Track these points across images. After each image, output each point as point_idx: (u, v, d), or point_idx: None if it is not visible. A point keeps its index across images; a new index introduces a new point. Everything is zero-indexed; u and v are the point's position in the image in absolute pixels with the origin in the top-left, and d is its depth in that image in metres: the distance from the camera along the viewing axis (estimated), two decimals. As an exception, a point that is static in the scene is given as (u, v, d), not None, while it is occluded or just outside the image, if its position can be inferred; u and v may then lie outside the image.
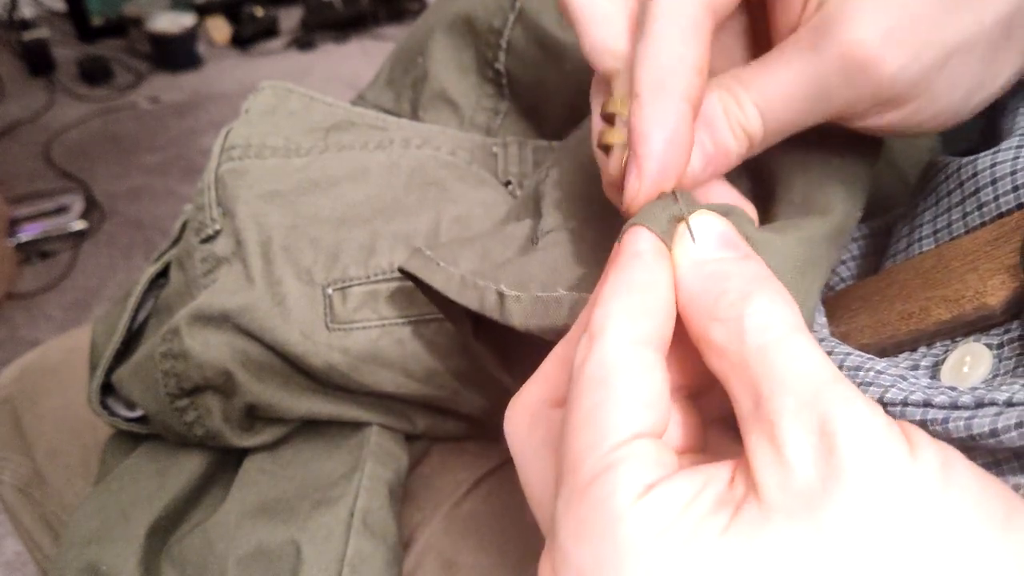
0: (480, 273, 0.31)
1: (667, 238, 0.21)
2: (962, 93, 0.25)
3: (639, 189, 0.23)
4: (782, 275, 0.22)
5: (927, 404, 0.24)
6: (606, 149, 0.25)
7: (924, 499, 0.16)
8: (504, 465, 0.43)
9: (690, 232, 0.21)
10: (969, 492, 0.16)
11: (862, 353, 0.28)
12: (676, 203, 0.23)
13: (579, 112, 0.44)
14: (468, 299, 0.31)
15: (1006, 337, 0.26)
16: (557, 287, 0.29)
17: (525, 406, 0.22)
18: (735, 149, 0.26)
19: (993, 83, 0.26)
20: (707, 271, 0.20)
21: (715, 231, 0.21)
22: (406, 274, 0.33)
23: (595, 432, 0.18)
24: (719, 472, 0.18)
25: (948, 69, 0.24)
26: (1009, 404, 0.23)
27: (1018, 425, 0.22)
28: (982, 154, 0.29)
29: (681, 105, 0.23)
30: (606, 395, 0.18)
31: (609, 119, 0.25)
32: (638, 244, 0.21)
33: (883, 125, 0.26)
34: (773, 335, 0.18)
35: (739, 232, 0.22)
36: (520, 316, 0.29)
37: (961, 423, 0.23)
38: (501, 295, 0.29)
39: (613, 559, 0.16)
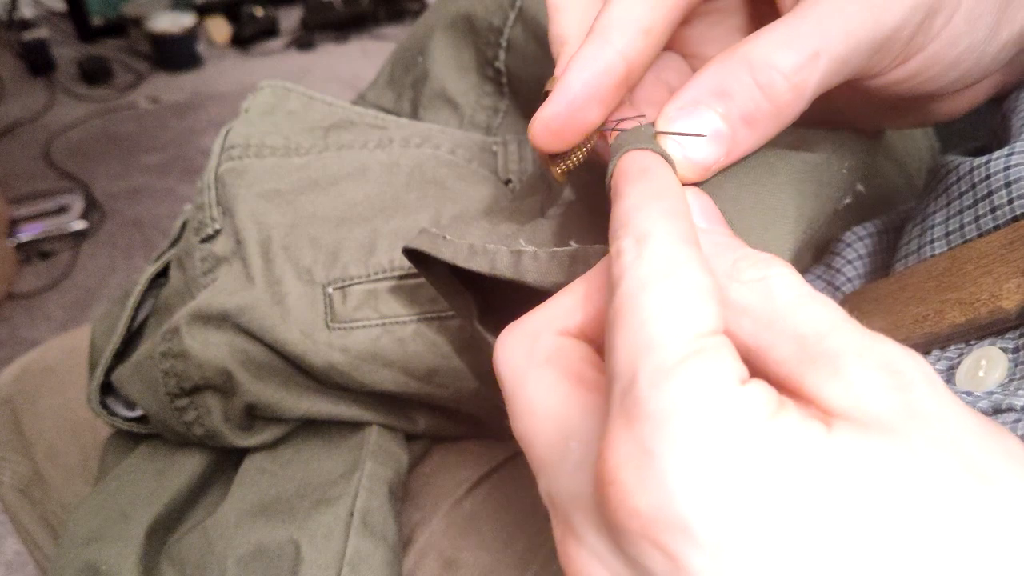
0: (490, 240, 0.30)
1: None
2: (980, 33, 0.24)
3: (539, 127, 0.23)
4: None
5: None
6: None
7: (993, 443, 0.16)
8: (504, 465, 0.43)
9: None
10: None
11: None
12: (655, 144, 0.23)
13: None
14: (479, 264, 0.29)
15: (1021, 341, 0.26)
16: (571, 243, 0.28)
17: (526, 330, 0.21)
18: (785, 100, 0.23)
19: (1012, 23, 0.25)
20: (715, 239, 0.20)
21: (706, 205, 0.21)
22: (410, 257, 0.33)
23: (673, 322, 0.17)
24: (784, 397, 0.17)
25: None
26: None
27: None
28: (995, 155, 0.28)
29: (613, 57, 0.22)
30: (677, 287, 0.17)
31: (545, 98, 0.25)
32: (642, 161, 0.21)
33: (904, 78, 0.25)
34: (806, 291, 0.18)
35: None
36: (535, 273, 0.28)
37: None
38: (517, 252, 0.28)
39: (725, 434, 0.15)
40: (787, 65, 0.22)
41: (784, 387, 0.17)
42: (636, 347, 0.17)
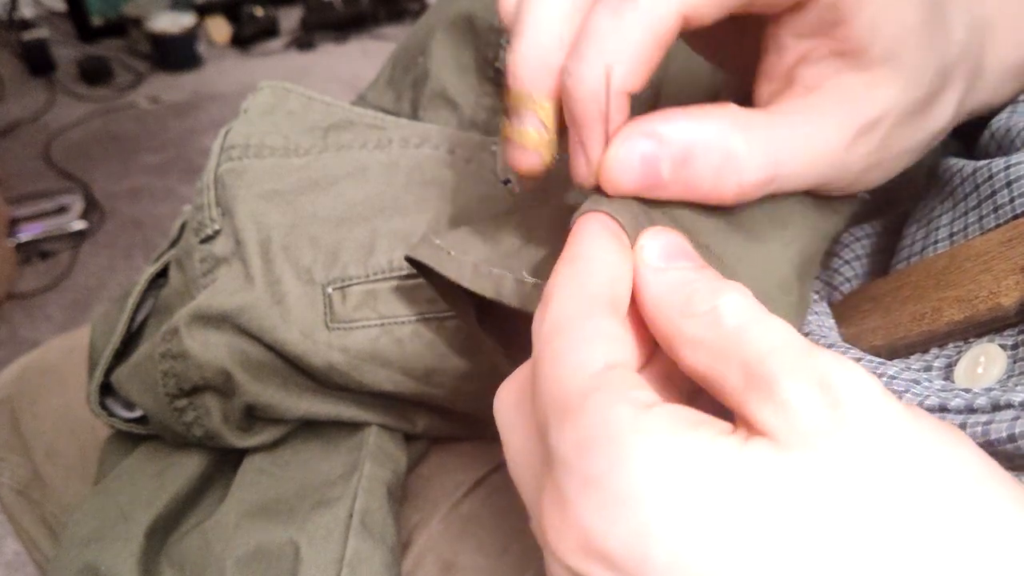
0: (493, 261, 0.30)
1: (622, 221, 0.22)
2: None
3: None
4: (765, 293, 0.22)
5: (943, 409, 0.24)
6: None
7: (924, 452, 0.16)
8: (503, 467, 0.43)
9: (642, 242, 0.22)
10: (968, 453, 0.16)
11: (873, 357, 0.28)
12: (636, 207, 0.23)
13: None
14: (483, 287, 0.30)
15: (1020, 338, 0.26)
16: None
17: (514, 383, 0.22)
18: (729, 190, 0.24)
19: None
20: (669, 278, 0.21)
21: (671, 242, 0.22)
22: (413, 263, 0.33)
23: (569, 368, 0.18)
24: (717, 421, 0.18)
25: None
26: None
27: None
28: (997, 158, 0.28)
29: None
30: (568, 337, 0.19)
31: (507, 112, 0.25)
32: (587, 224, 0.22)
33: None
34: (751, 315, 0.18)
35: (698, 243, 0.23)
36: (529, 304, 0.28)
37: (979, 428, 0.23)
38: (520, 282, 0.29)
39: (626, 461, 0.16)
40: (743, 179, 0.23)
41: (738, 415, 0.18)
42: (542, 398, 0.18)
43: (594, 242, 0.21)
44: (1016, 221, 0.27)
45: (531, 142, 0.25)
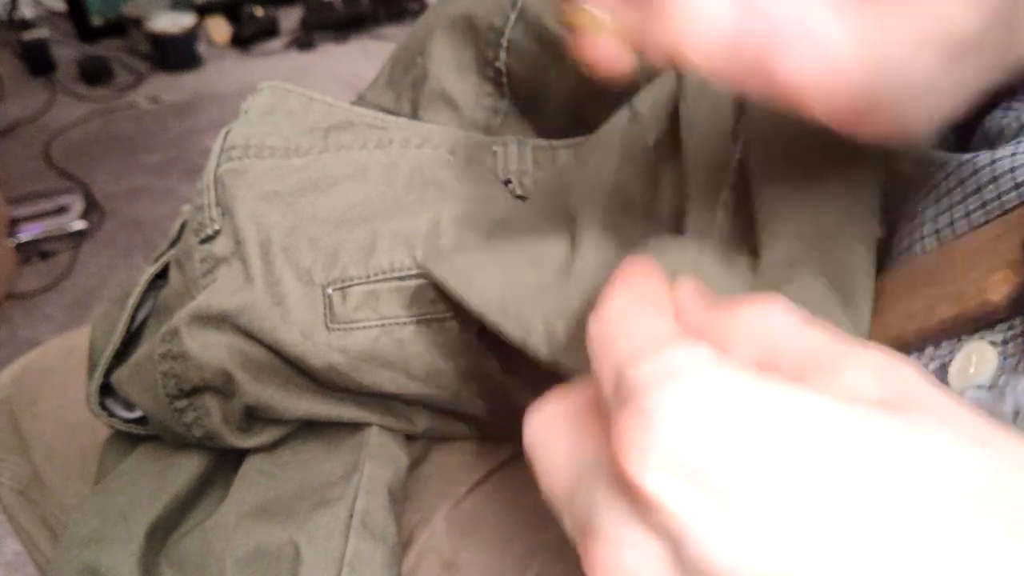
0: (516, 298, 0.30)
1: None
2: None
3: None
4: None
5: None
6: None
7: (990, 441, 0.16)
8: (504, 466, 0.43)
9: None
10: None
11: None
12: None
13: (579, 111, 0.44)
14: (512, 330, 0.30)
15: (1010, 333, 0.26)
16: None
17: (551, 408, 0.22)
18: None
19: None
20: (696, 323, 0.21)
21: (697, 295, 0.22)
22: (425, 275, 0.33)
23: (640, 330, 0.19)
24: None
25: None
26: (1016, 413, 0.22)
27: None
28: (982, 153, 0.28)
29: None
30: (633, 317, 0.19)
31: None
32: (636, 266, 0.22)
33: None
34: (800, 320, 0.19)
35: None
36: (558, 355, 0.29)
37: None
38: (551, 333, 0.29)
39: (712, 386, 0.16)
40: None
41: None
42: (616, 353, 0.19)
43: (640, 277, 0.22)
44: (1005, 217, 0.27)
45: (602, 25, 0.23)
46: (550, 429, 0.21)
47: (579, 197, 0.34)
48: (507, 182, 0.43)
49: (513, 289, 0.31)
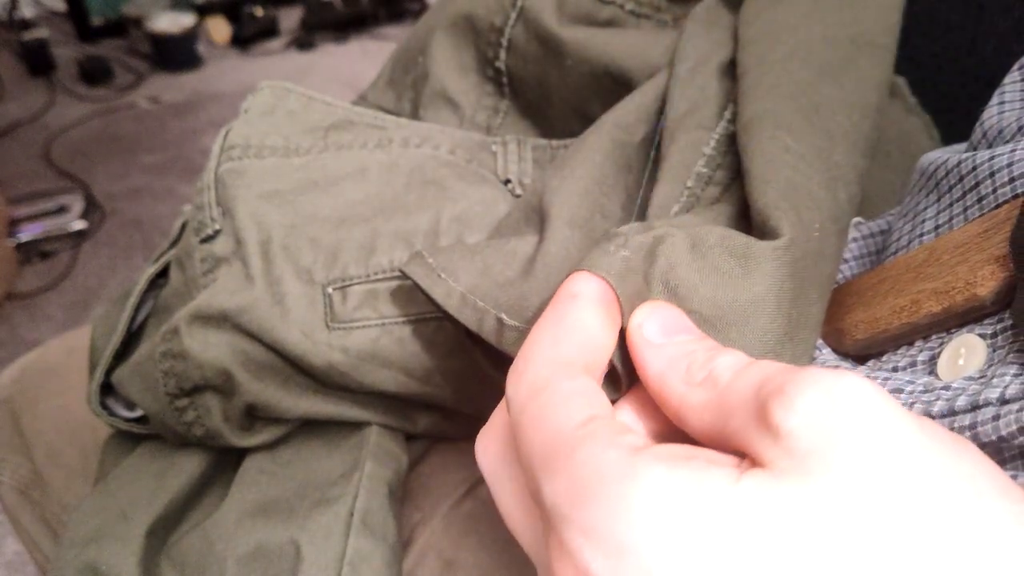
0: (480, 292, 0.31)
1: (618, 290, 0.22)
2: None
3: None
4: (762, 347, 0.23)
5: (927, 416, 0.24)
6: None
7: (923, 466, 0.16)
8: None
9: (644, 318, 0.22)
10: (970, 465, 0.16)
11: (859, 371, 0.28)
12: (631, 270, 0.23)
13: (580, 110, 0.44)
14: (467, 318, 0.31)
15: (999, 326, 0.26)
16: None
17: (493, 432, 0.23)
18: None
19: None
20: (669, 352, 0.21)
21: (669, 316, 0.22)
22: (407, 276, 0.33)
23: (553, 424, 0.19)
24: (709, 452, 0.18)
25: None
26: (1003, 401, 0.23)
27: (1021, 431, 0.22)
28: (981, 151, 0.29)
29: None
30: (548, 398, 0.19)
31: None
32: (578, 285, 0.22)
33: None
34: (742, 365, 0.19)
35: (689, 310, 0.23)
36: (515, 345, 0.29)
37: (967, 435, 0.23)
38: (500, 321, 0.29)
39: (622, 509, 0.16)
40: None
41: (748, 459, 0.18)
42: (529, 458, 0.19)
43: (581, 310, 0.22)
44: (992, 212, 0.27)
45: None
46: (495, 461, 0.22)
47: (552, 193, 0.35)
48: (507, 182, 0.43)
49: (479, 282, 0.31)
